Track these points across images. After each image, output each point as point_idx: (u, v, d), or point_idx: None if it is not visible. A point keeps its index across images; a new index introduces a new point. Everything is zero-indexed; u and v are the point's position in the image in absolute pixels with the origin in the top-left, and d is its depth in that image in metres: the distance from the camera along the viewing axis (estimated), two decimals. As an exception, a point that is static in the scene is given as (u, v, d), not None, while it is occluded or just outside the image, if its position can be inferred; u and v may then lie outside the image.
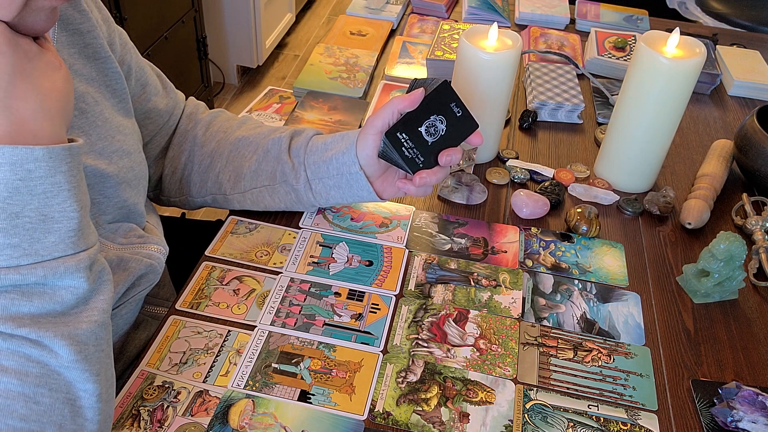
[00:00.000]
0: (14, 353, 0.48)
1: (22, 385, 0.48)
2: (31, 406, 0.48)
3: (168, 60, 2.09)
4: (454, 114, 0.73)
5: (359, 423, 0.63)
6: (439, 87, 0.72)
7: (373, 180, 0.77)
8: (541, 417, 0.65)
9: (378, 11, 1.42)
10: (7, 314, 0.48)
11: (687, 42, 0.88)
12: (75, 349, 0.50)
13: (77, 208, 0.51)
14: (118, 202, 0.67)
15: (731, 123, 1.17)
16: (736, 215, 0.94)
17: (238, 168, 0.82)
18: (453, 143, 0.74)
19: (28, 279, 0.48)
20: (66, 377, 0.50)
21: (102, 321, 0.53)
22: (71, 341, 0.49)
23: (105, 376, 0.53)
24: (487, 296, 0.78)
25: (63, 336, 0.49)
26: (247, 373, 0.67)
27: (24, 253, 0.48)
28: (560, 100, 1.12)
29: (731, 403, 0.66)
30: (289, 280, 0.78)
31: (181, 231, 1.00)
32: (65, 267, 0.50)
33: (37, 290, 0.49)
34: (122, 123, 0.69)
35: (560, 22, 1.42)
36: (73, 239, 0.51)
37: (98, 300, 0.53)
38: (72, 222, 0.50)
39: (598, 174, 1.00)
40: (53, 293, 0.50)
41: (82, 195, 0.52)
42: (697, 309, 0.80)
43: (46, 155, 0.48)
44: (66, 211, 0.50)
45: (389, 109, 0.72)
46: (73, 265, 0.50)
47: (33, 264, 0.49)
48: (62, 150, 0.49)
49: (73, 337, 0.50)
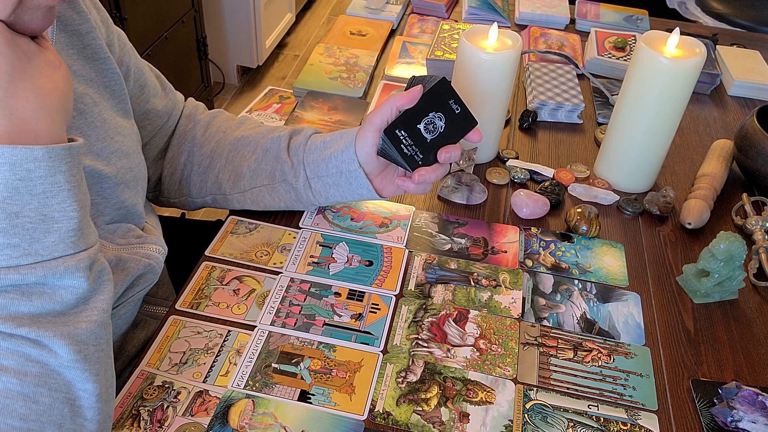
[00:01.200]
0: (14, 353, 0.48)
1: (21, 385, 0.48)
2: (30, 405, 0.48)
3: (168, 60, 2.09)
4: (453, 111, 0.73)
5: (359, 423, 0.63)
6: (438, 84, 0.72)
7: (373, 178, 0.77)
8: (541, 417, 0.65)
9: (378, 11, 1.42)
10: (6, 314, 0.48)
11: (687, 42, 0.88)
12: (74, 349, 0.50)
13: (77, 208, 0.51)
14: (117, 202, 0.67)
15: (731, 123, 1.17)
16: (736, 215, 0.94)
17: (238, 168, 0.82)
18: (452, 140, 0.74)
19: (28, 279, 0.48)
20: (65, 377, 0.50)
21: (102, 321, 0.53)
22: (71, 341, 0.49)
23: (105, 376, 0.53)
24: (487, 296, 0.78)
25: (62, 336, 0.49)
26: (247, 373, 0.67)
27: (24, 252, 0.48)
28: (560, 100, 1.12)
29: (731, 403, 0.66)
30: (289, 280, 0.78)
31: (181, 231, 1.00)
32: (65, 267, 0.50)
33: (37, 290, 0.49)
34: (121, 124, 0.69)
35: (560, 22, 1.42)
36: (73, 239, 0.51)
37: (98, 300, 0.53)
38: (72, 222, 0.50)
39: (598, 174, 1.00)
40: (53, 293, 0.50)
41: (82, 194, 0.52)
42: (697, 309, 0.80)
43: (46, 155, 0.48)
44: (66, 211, 0.50)
45: (388, 107, 0.72)
46: (73, 264, 0.50)
47: (33, 264, 0.49)
48: (62, 149, 0.49)
49: (72, 336, 0.50)
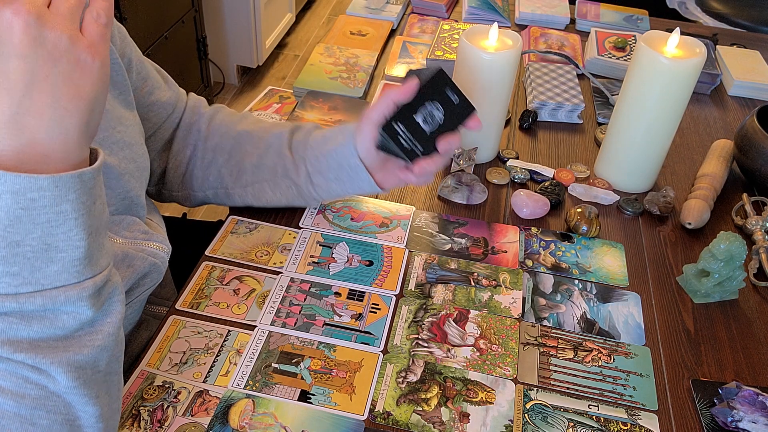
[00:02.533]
0: (12, 374, 0.46)
1: (18, 407, 0.46)
2: (27, 427, 0.46)
3: (168, 60, 2.09)
4: (451, 101, 0.73)
5: (359, 423, 0.63)
6: (434, 75, 0.71)
7: (374, 171, 0.77)
8: (541, 417, 0.65)
9: (378, 11, 1.42)
10: (5, 338, 0.46)
11: (687, 42, 0.88)
12: (73, 375, 0.48)
13: (84, 237, 0.47)
14: (121, 193, 0.67)
15: (731, 123, 1.17)
16: (737, 215, 0.94)
17: (240, 162, 0.82)
18: (451, 129, 0.74)
19: (26, 307, 0.46)
20: (66, 400, 0.48)
21: (105, 345, 0.50)
22: (70, 368, 0.47)
23: (107, 396, 0.52)
24: (488, 296, 0.78)
25: (61, 363, 0.47)
26: (247, 373, 0.67)
27: (24, 281, 0.46)
28: (560, 100, 1.11)
29: (731, 403, 0.66)
30: (289, 280, 0.78)
31: (182, 231, 1.00)
32: (66, 296, 0.47)
33: (38, 315, 0.47)
34: (123, 114, 0.69)
35: (560, 22, 1.42)
36: (78, 268, 0.48)
37: (105, 323, 0.51)
38: (78, 251, 0.47)
39: (598, 174, 1.00)
40: (54, 318, 0.48)
41: (93, 219, 0.48)
42: (698, 309, 0.80)
43: (51, 184, 0.44)
44: (71, 240, 0.47)
45: (385, 101, 0.72)
46: (76, 293, 0.48)
47: (32, 292, 0.46)
48: (70, 178, 0.45)
49: (72, 363, 0.48)
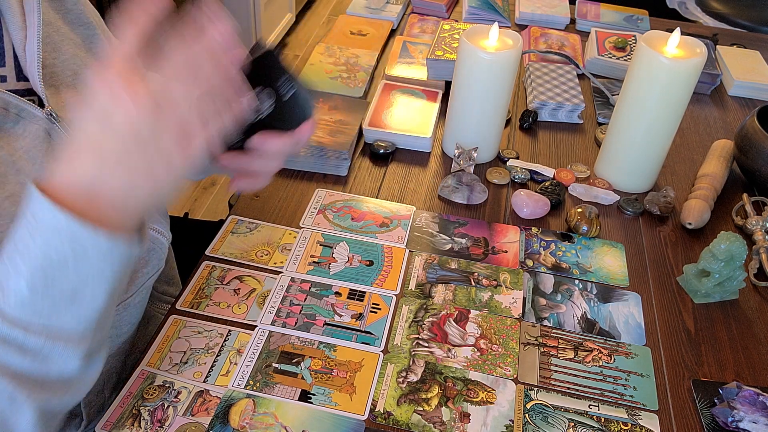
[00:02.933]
0: None
1: None
2: None
3: (168, 60, 2.08)
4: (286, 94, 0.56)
5: (360, 423, 0.63)
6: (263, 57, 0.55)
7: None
8: (541, 417, 0.65)
9: (378, 11, 1.42)
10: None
11: (687, 42, 0.88)
12: (37, 417, 0.49)
13: (105, 299, 0.49)
14: None
15: (731, 123, 1.17)
16: (737, 215, 0.94)
17: None
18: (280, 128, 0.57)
19: (29, 340, 0.47)
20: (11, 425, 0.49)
21: (77, 394, 0.53)
22: (38, 413, 0.49)
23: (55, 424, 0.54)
24: (488, 296, 0.78)
25: (34, 409, 0.48)
26: (248, 372, 0.67)
27: (40, 315, 0.47)
28: (560, 100, 1.12)
29: (732, 403, 0.66)
30: (290, 280, 0.78)
31: (184, 230, 1.00)
32: (65, 345, 0.49)
33: (34, 351, 0.48)
34: None
35: (560, 22, 1.42)
36: (86, 325, 0.49)
37: (82, 382, 0.53)
38: (94, 313, 0.49)
39: (598, 174, 1.00)
40: (45, 359, 0.48)
41: (117, 284, 0.50)
42: (698, 309, 0.80)
43: (107, 244, 0.46)
44: (95, 298, 0.48)
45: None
46: (73, 346, 0.49)
47: (41, 328, 0.47)
48: (124, 247, 0.47)
49: (41, 409, 0.49)
